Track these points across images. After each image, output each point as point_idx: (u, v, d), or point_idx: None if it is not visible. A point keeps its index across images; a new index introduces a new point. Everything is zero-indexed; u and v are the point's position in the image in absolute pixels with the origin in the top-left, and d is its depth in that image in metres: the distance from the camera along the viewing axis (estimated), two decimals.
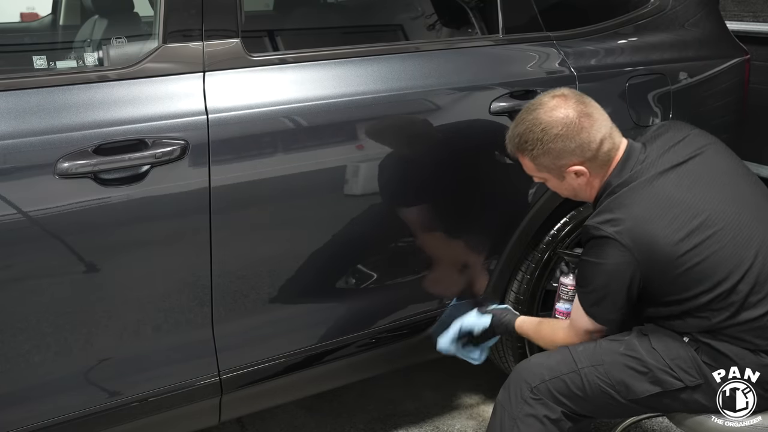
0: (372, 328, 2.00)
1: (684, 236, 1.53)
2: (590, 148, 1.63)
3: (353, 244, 1.91)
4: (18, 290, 1.50)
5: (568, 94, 1.67)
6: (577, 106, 1.64)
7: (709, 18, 2.47)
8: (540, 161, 1.67)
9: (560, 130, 1.62)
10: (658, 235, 1.53)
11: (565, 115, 1.62)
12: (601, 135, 1.64)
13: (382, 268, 1.96)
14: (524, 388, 1.63)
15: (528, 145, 1.65)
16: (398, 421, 2.36)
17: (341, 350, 1.96)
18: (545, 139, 1.62)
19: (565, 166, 1.65)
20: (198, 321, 1.71)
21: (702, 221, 1.54)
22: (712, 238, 1.53)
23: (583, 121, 1.62)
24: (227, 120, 1.62)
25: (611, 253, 1.55)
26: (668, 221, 1.54)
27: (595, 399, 1.62)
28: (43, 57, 1.71)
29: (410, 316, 2.05)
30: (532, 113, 1.66)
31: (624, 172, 1.64)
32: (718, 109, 2.45)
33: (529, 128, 1.65)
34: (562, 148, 1.63)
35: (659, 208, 1.55)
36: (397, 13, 2.33)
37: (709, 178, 1.63)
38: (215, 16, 1.64)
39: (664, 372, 1.57)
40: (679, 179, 1.60)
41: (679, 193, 1.58)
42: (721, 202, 1.58)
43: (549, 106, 1.65)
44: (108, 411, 1.66)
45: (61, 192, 1.47)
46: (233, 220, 1.67)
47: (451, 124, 1.93)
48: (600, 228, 1.57)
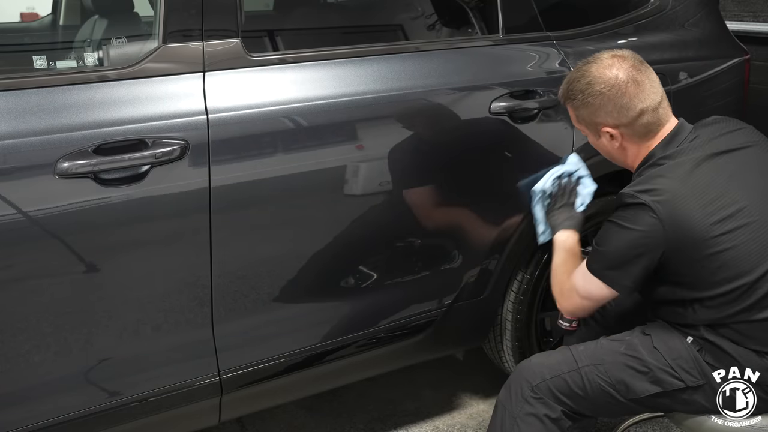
0: (372, 328, 1.99)
1: (718, 220, 1.52)
2: (627, 115, 1.63)
3: (353, 244, 1.91)
4: (18, 290, 1.50)
5: (627, 56, 1.68)
6: (630, 71, 1.64)
7: (709, 18, 2.47)
8: (579, 112, 1.70)
9: (603, 88, 1.63)
10: (694, 213, 1.52)
11: (615, 76, 1.63)
12: (643, 105, 1.63)
13: (381, 268, 1.96)
14: (525, 387, 1.64)
15: (571, 93, 1.69)
16: (398, 421, 2.36)
17: (341, 350, 1.96)
18: (587, 92, 1.64)
19: (600, 124, 1.67)
20: (198, 321, 1.71)
21: (737, 210, 1.53)
22: (744, 228, 1.52)
23: (629, 87, 1.62)
24: (227, 120, 1.62)
25: (643, 221, 1.54)
26: (706, 202, 1.53)
27: (595, 398, 1.62)
28: (43, 57, 1.71)
29: (410, 316, 2.04)
30: (587, 65, 1.69)
31: (670, 146, 1.63)
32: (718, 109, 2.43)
33: (578, 78, 1.67)
34: (600, 106, 1.64)
35: (699, 187, 1.55)
36: (397, 13, 2.33)
37: (753, 171, 1.62)
38: (215, 16, 1.64)
39: (665, 372, 1.57)
40: (725, 165, 1.60)
41: (721, 178, 1.57)
42: (760, 197, 1.58)
43: (604, 62, 1.66)
44: (108, 411, 1.66)
45: (61, 192, 1.47)
46: (233, 220, 1.67)
47: (451, 124, 1.93)
48: (637, 195, 1.56)
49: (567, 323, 1.89)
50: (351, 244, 1.90)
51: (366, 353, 2.01)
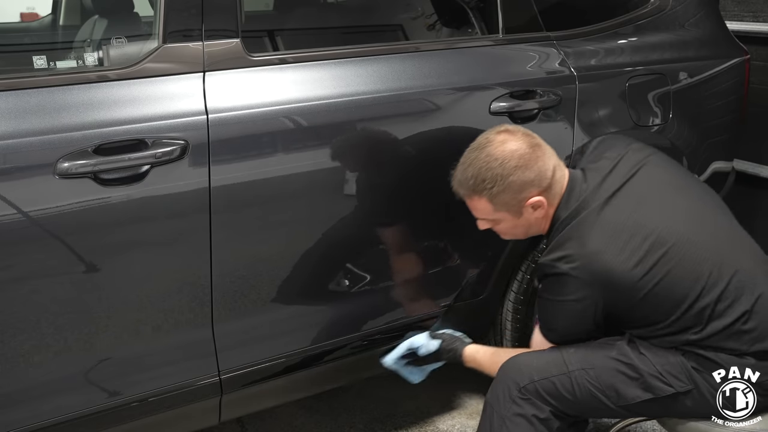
0: (372, 328, 2.00)
1: (638, 261, 1.52)
2: (546, 177, 1.62)
3: (353, 244, 1.91)
4: (18, 290, 1.50)
5: (511, 129, 1.67)
6: (525, 138, 1.64)
7: (709, 18, 2.47)
8: (499, 199, 1.63)
9: (518, 162, 1.60)
10: (613, 265, 1.52)
11: (518, 147, 1.61)
12: (553, 163, 1.65)
13: (381, 268, 1.96)
14: (512, 388, 1.62)
15: (487, 183, 1.61)
16: (398, 421, 2.36)
17: (341, 350, 1.97)
18: (504, 173, 1.60)
19: (524, 199, 1.63)
20: (198, 321, 1.71)
21: (653, 242, 1.53)
22: (666, 257, 1.53)
23: (536, 151, 1.62)
24: (227, 120, 1.62)
25: (571, 290, 1.56)
26: (620, 249, 1.53)
27: (584, 402, 1.61)
28: (43, 57, 1.71)
29: (410, 316, 2.05)
30: (483, 151, 1.63)
31: (570, 203, 1.63)
32: (718, 109, 2.45)
33: (485, 166, 1.61)
34: (523, 180, 1.61)
35: (609, 237, 1.55)
36: (397, 13, 2.33)
37: (653, 194, 1.62)
38: (215, 16, 1.64)
39: (655, 378, 1.56)
40: (624, 203, 1.60)
41: (625, 218, 1.57)
42: (669, 218, 1.58)
43: (498, 140, 1.63)
44: (108, 411, 1.66)
45: (61, 192, 1.47)
46: (233, 220, 1.67)
47: (451, 124, 1.93)
48: (555, 265, 1.57)
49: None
50: (351, 245, 1.90)
51: (366, 353, 2.01)
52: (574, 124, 2.07)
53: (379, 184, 1.87)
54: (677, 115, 2.27)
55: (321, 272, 1.87)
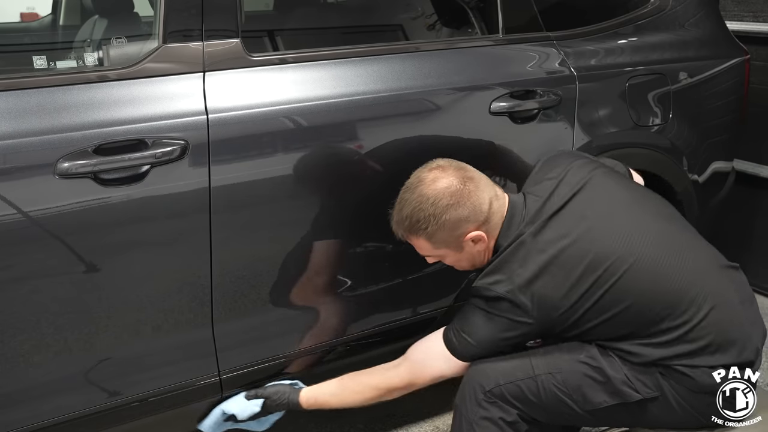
0: (372, 328, 2.00)
1: (571, 285, 1.52)
2: (482, 211, 1.61)
3: (353, 244, 1.91)
4: (18, 290, 1.50)
5: (443, 164, 1.65)
6: (456, 173, 1.62)
7: (709, 18, 2.47)
8: (436, 237, 1.62)
9: (450, 200, 1.58)
10: (545, 291, 1.52)
11: (450, 184, 1.60)
12: (488, 195, 1.63)
13: (382, 268, 1.96)
14: (478, 391, 1.61)
15: (421, 224, 1.60)
16: (398, 420, 2.36)
17: (342, 350, 1.96)
18: (437, 212, 1.58)
19: (462, 235, 1.61)
20: (198, 321, 1.71)
21: (588, 263, 1.52)
22: (603, 278, 1.52)
23: (468, 186, 1.61)
24: (227, 120, 1.62)
25: (505, 310, 1.55)
26: (552, 275, 1.53)
27: (551, 406, 1.59)
28: (43, 57, 1.71)
29: (410, 316, 2.05)
30: (415, 191, 1.62)
31: (510, 232, 1.62)
32: (718, 109, 2.45)
33: (417, 206, 1.60)
34: (457, 218, 1.59)
35: (542, 263, 1.54)
36: (397, 13, 2.34)
37: (594, 212, 1.60)
38: (215, 16, 1.64)
39: (623, 383, 1.54)
40: (562, 225, 1.58)
41: (562, 241, 1.55)
42: (609, 236, 1.56)
43: (429, 179, 1.61)
44: (108, 411, 1.66)
45: (61, 192, 1.47)
46: (233, 220, 1.67)
47: (451, 124, 1.93)
48: (491, 288, 1.56)
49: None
50: (351, 244, 1.90)
51: (366, 353, 2.01)
52: (574, 124, 2.07)
53: (379, 184, 1.86)
54: (677, 115, 2.27)
55: (321, 272, 1.87)
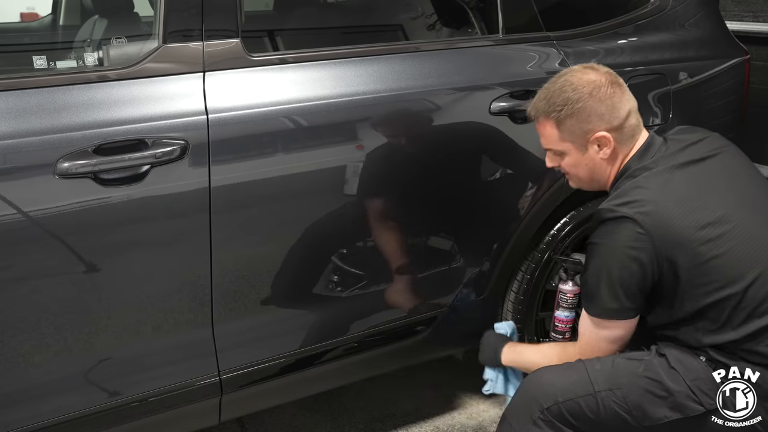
0: (372, 328, 2.00)
1: (702, 226, 1.50)
2: (618, 116, 1.61)
3: (353, 244, 1.91)
4: (18, 290, 1.50)
5: (597, 66, 1.66)
6: (607, 75, 1.63)
7: (709, 18, 2.46)
8: (566, 125, 1.62)
9: (592, 90, 1.60)
10: (679, 221, 1.50)
11: (597, 78, 1.61)
12: (629, 106, 1.63)
13: (381, 269, 1.96)
14: (534, 408, 1.59)
15: (557, 105, 1.61)
16: (398, 420, 2.36)
17: (341, 350, 1.96)
18: (575, 97, 1.59)
19: (591, 131, 1.61)
20: (198, 321, 1.71)
21: (719, 217, 1.52)
22: (727, 235, 1.51)
23: (614, 88, 1.61)
24: (227, 120, 1.62)
25: (627, 235, 1.50)
26: (688, 210, 1.51)
27: (607, 422, 1.57)
28: (43, 57, 1.71)
29: (410, 316, 2.05)
30: (563, 77, 1.65)
31: (644, 159, 1.62)
32: (718, 109, 2.45)
33: (560, 89, 1.62)
34: (592, 110, 1.59)
35: (679, 196, 1.53)
36: (397, 13, 2.33)
37: (724, 178, 1.62)
38: (215, 16, 1.64)
39: (686, 396, 1.52)
40: (697, 174, 1.59)
41: (696, 186, 1.56)
42: (735, 203, 1.57)
43: (580, 71, 1.64)
44: (108, 411, 1.66)
45: (61, 192, 1.47)
46: (233, 220, 1.67)
47: (451, 124, 1.93)
48: (616, 210, 1.53)
49: (560, 336, 1.86)
50: (351, 244, 1.90)
51: (366, 353, 2.01)
52: None
53: (379, 185, 1.87)
54: (677, 115, 2.27)
55: (321, 272, 1.87)
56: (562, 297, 1.99)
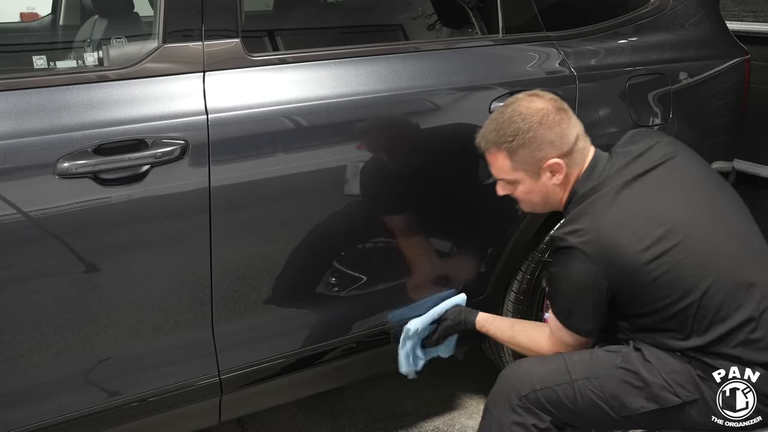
0: (372, 329, 1.99)
1: (648, 245, 1.52)
2: (568, 142, 1.63)
3: (353, 244, 1.91)
4: (18, 290, 1.50)
5: (541, 93, 1.68)
6: (552, 102, 1.65)
7: (709, 18, 2.47)
8: (518, 155, 1.63)
9: (541, 119, 1.61)
10: (623, 244, 1.52)
11: (544, 106, 1.63)
12: (577, 131, 1.66)
13: (382, 269, 1.96)
14: (513, 396, 1.61)
15: (508, 136, 1.62)
16: (398, 421, 2.36)
17: (341, 350, 1.96)
18: (526, 127, 1.61)
19: (543, 159, 1.63)
20: (198, 321, 1.71)
21: (666, 231, 1.53)
22: (677, 248, 1.52)
23: (561, 114, 1.64)
24: (227, 120, 1.62)
25: (576, 264, 1.55)
26: (632, 231, 1.53)
27: (586, 412, 1.59)
28: (43, 57, 1.71)
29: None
30: (510, 107, 1.66)
31: (590, 180, 1.63)
32: (718, 109, 2.45)
33: (509, 119, 1.63)
34: (543, 138, 1.61)
35: (624, 218, 1.55)
36: (397, 13, 2.33)
37: (675, 186, 1.62)
38: (215, 16, 1.64)
39: (662, 387, 1.54)
40: (644, 189, 1.60)
41: (643, 203, 1.57)
42: (686, 213, 1.58)
43: (526, 99, 1.66)
44: (108, 411, 1.66)
45: (61, 192, 1.47)
46: (233, 220, 1.67)
47: (451, 124, 1.93)
48: (565, 239, 1.57)
49: None
50: (351, 244, 1.90)
51: (366, 353, 2.01)
52: None
53: (379, 185, 1.87)
54: (677, 115, 2.27)
55: (321, 272, 1.87)
56: None
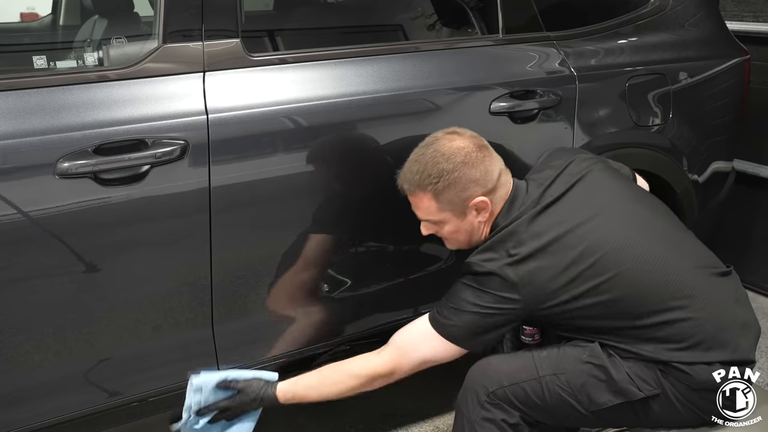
0: (372, 328, 2.00)
1: (565, 267, 1.52)
2: (492, 178, 1.63)
3: (353, 245, 1.91)
4: (18, 290, 1.51)
5: (460, 130, 1.67)
6: (472, 139, 1.65)
7: (709, 18, 2.47)
8: (444, 196, 1.62)
9: (464, 158, 1.61)
10: (539, 270, 1.53)
11: (465, 145, 1.63)
12: (498, 166, 1.66)
13: (382, 268, 1.97)
14: (481, 393, 1.61)
15: (432, 178, 1.60)
16: (398, 420, 2.36)
17: (341, 350, 1.96)
18: (450, 167, 1.60)
19: (469, 198, 1.62)
20: (198, 321, 1.71)
21: (583, 251, 1.53)
22: (596, 266, 1.53)
23: (483, 152, 1.64)
24: (227, 120, 1.62)
25: (495, 286, 1.55)
26: (548, 256, 1.53)
27: (555, 408, 1.59)
28: (43, 57, 1.71)
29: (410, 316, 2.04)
30: (430, 147, 1.64)
31: (511, 213, 1.63)
32: (718, 109, 2.45)
33: (432, 160, 1.61)
34: (468, 177, 1.61)
35: (538, 244, 1.54)
36: (397, 13, 2.34)
37: (591, 203, 1.63)
38: (215, 16, 1.64)
39: (626, 381, 1.54)
40: (560, 212, 1.60)
41: (558, 228, 1.56)
42: (603, 228, 1.58)
43: (446, 138, 1.64)
44: (108, 411, 1.66)
45: (61, 192, 1.47)
46: (233, 220, 1.67)
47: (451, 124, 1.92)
48: (483, 264, 1.56)
49: (530, 338, 1.86)
50: (351, 245, 1.90)
51: None
52: (574, 124, 2.07)
53: (379, 185, 1.86)
54: (677, 115, 2.27)
55: (321, 272, 1.87)
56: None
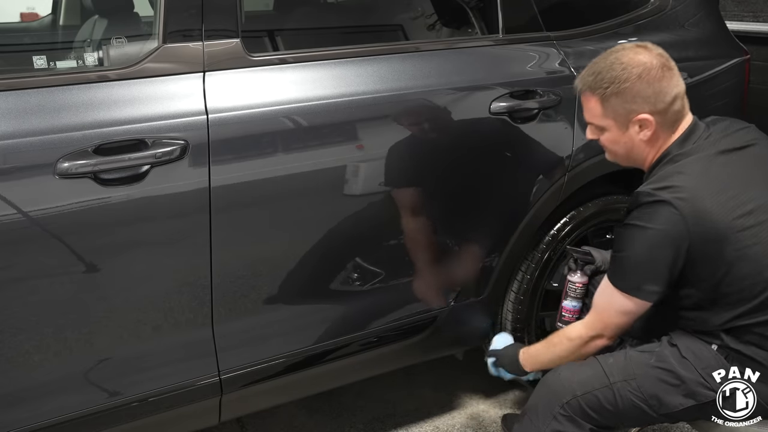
0: (372, 328, 2.00)
1: (739, 216, 1.50)
2: (664, 100, 1.58)
3: (353, 245, 1.91)
4: (18, 290, 1.51)
5: (650, 46, 1.64)
6: (659, 57, 1.61)
7: (709, 18, 2.47)
8: (610, 103, 1.60)
9: (641, 72, 1.57)
10: (716, 209, 1.50)
11: (648, 60, 1.59)
12: (676, 91, 1.60)
13: (381, 268, 1.96)
14: (554, 404, 1.61)
15: (603, 82, 1.59)
16: (398, 421, 2.36)
17: (341, 350, 1.96)
18: (623, 77, 1.57)
19: (634, 112, 1.59)
20: (198, 321, 1.71)
21: (756, 207, 1.52)
22: (762, 225, 1.51)
23: (664, 71, 1.59)
24: (227, 120, 1.62)
25: (664, 219, 1.50)
26: (726, 198, 1.51)
27: (625, 413, 1.60)
28: (43, 57, 1.71)
29: (410, 316, 2.05)
30: (614, 54, 1.62)
31: (686, 144, 1.60)
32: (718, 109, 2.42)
33: (609, 66, 1.59)
34: (638, 92, 1.57)
35: (718, 183, 1.53)
36: (397, 13, 2.33)
37: (759, 170, 1.62)
38: (215, 16, 1.64)
39: (698, 384, 1.55)
40: (736, 162, 1.58)
41: (735, 175, 1.55)
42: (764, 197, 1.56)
43: (632, 50, 1.62)
44: (108, 411, 1.66)
45: (61, 192, 1.47)
46: (233, 220, 1.67)
47: (450, 124, 1.93)
48: (655, 193, 1.52)
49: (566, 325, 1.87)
50: (351, 245, 1.90)
51: (366, 353, 2.01)
52: (574, 124, 2.07)
53: (379, 185, 1.86)
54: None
55: (321, 272, 1.87)
56: (571, 287, 1.99)
